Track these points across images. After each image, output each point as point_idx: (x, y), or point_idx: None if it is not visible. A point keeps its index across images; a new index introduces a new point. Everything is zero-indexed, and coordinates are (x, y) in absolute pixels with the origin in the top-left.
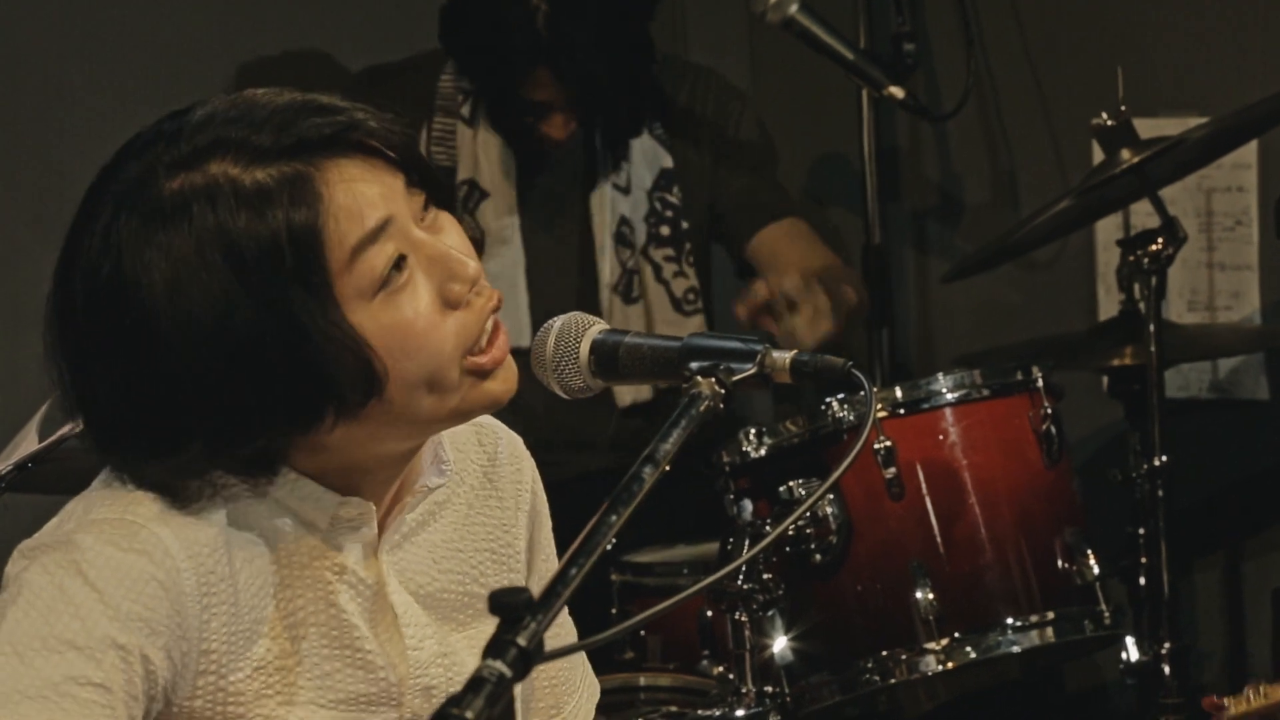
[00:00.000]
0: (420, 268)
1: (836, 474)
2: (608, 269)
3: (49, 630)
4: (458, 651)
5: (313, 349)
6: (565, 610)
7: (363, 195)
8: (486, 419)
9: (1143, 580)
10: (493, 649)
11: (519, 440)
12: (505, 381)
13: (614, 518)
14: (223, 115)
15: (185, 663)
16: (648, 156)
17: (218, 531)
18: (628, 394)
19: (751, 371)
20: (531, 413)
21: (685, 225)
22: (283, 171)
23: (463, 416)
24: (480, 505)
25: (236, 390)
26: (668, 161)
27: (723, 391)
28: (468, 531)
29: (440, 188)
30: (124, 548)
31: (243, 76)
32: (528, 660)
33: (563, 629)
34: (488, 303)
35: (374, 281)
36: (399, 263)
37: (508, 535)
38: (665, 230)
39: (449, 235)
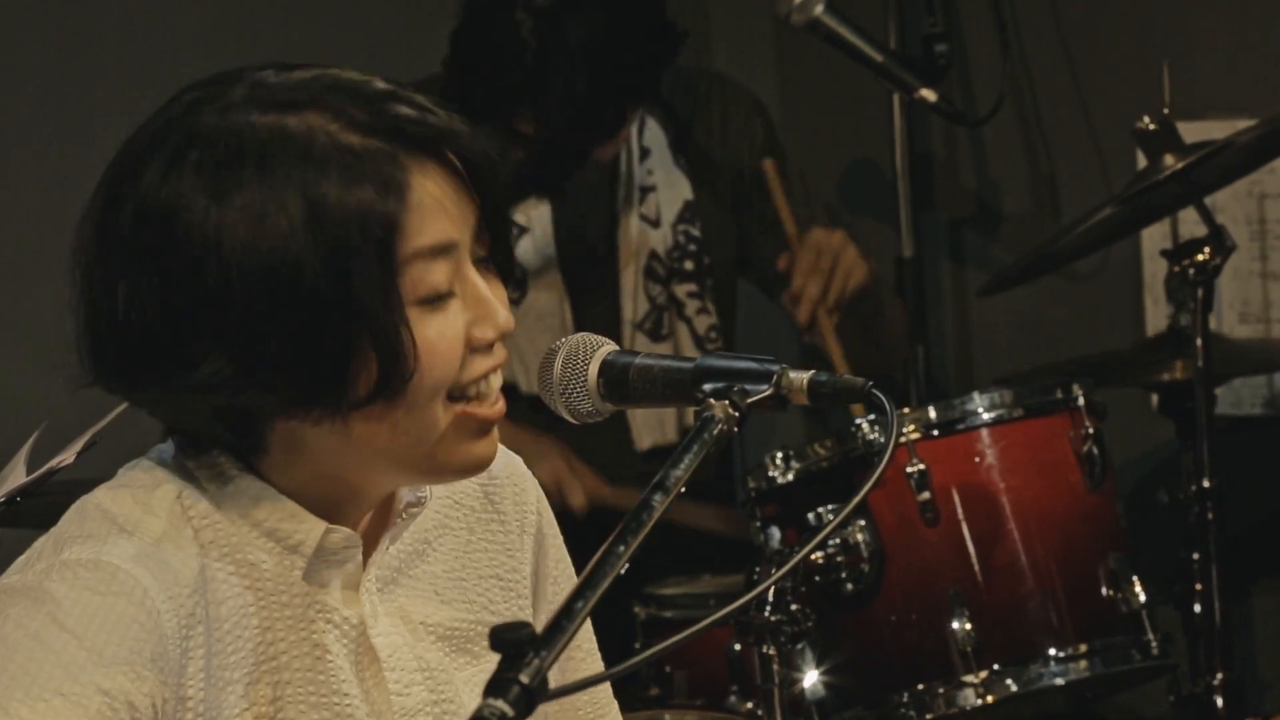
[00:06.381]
0: (461, 302)
1: (850, 506)
2: (629, 305)
3: (31, 682)
4: (456, 698)
5: (358, 325)
6: (594, 643)
7: (440, 208)
8: None
9: (1197, 607)
10: (494, 688)
11: (520, 460)
12: (491, 446)
13: (622, 548)
14: (322, 79)
15: (165, 710)
16: (672, 187)
17: (195, 572)
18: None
19: (767, 393)
20: None
21: (707, 260)
22: (378, 147)
23: (441, 471)
24: (481, 530)
25: (264, 333)
26: (689, 194)
27: (737, 414)
28: (469, 559)
29: (508, 246)
30: (101, 591)
31: None
32: (531, 699)
33: (585, 664)
34: (499, 359)
35: (425, 293)
36: (449, 292)
37: (512, 560)
38: (689, 265)
39: (495, 286)
